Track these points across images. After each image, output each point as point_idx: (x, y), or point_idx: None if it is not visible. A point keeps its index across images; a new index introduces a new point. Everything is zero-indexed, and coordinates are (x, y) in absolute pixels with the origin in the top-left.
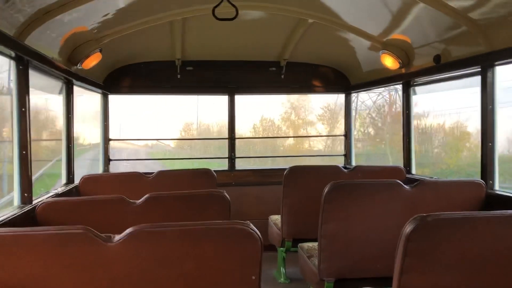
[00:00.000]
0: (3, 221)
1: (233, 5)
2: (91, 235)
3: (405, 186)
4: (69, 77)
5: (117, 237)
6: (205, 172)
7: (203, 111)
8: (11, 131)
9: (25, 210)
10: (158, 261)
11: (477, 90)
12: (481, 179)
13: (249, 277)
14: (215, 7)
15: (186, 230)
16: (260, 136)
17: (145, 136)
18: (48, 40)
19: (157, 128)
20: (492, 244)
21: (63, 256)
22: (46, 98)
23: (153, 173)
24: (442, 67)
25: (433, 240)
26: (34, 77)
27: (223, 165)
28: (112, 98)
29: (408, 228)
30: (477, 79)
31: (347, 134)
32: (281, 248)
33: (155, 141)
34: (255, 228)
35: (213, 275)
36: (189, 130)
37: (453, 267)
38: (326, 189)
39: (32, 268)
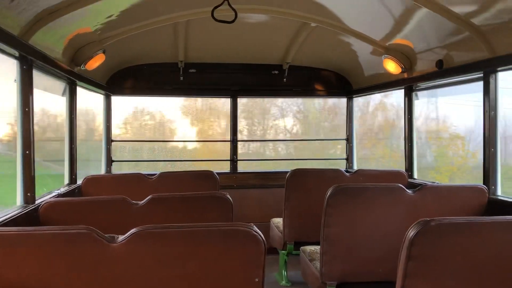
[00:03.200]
0: (6, 220)
1: (233, 8)
2: (95, 235)
3: (407, 190)
4: (72, 77)
5: (121, 238)
6: (208, 174)
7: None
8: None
9: (28, 210)
10: (161, 262)
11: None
12: (483, 184)
13: (252, 279)
14: (215, 8)
15: (189, 231)
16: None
17: (148, 138)
18: (52, 40)
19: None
20: (496, 250)
21: (67, 255)
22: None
23: (155, 174)
24: (445, 72)
25: (437, 245)
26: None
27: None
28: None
29: (411, 232)
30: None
31: (349, 138)
32: (283, 251)
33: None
34: (258, 230)
35: (216, 277)
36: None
37: (456, 272)
38: (328, 193)
39: (36, 267)
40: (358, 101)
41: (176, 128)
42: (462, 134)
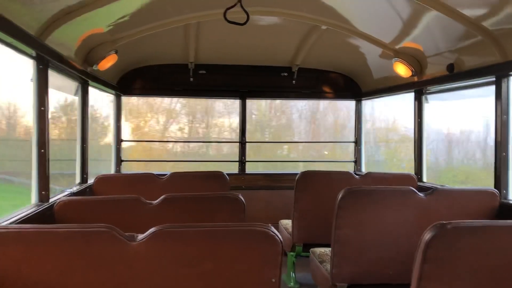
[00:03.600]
0: (21, 219)
1: (245, 11)
2: (115, 234)
3: (419, 193)
4: (85, 77)
5: (140, 236)
6: (218, 175)
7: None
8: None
9: (43, 208)
10: (180, 261)
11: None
12: (495, 188)
13: (269, 280)
14: (228, 9)
15: (208, 231)
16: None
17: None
18: (66, 40)
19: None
20: (511, 254)
21: (87, 253)
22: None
23: (166, 174)
24: (456, 76)
25: (453, 248)
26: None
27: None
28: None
29: (427, 235)
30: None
31: (358, 141)
32: (292, 253)
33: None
34: (276, 231)
35: (233, 276)
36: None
37: (472, 275)
38: (340, 195)
39: (55, 265)
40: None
41: (184, 128)
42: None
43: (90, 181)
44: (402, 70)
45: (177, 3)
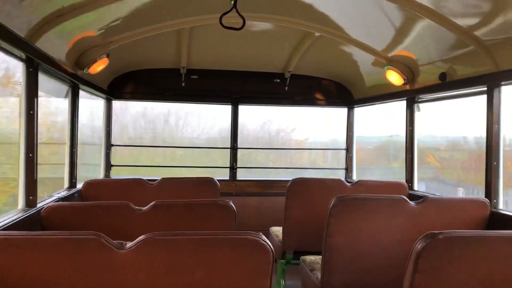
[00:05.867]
0: (8, 224)
1: (241, 16)
2: (103, 241)
3: (410, 202)
4: (75, 81)
5: (129, 244)
6: (209, 181)
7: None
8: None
9: (30, 213)
10: (169, 269)
11: None
12: (486, 197)
13: None
14: (223, 14)
15: (198, 239)
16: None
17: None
18: (57, 43)
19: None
20: (503, 264)
21: (74, 260)
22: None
23: (156, 179)
24: (448, 85)
25: (444, 258)
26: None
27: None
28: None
29: (419, 244)
30: None
31: (349, 148)
32: (282, 260)
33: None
34: (267, 240)
35: (223, 285)
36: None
37: (463, 286)
38: (331, 203)
39: (42, 272)
40: None
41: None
42: None
43: (79, 186)
44: (394, 78)
45: (170, 8)
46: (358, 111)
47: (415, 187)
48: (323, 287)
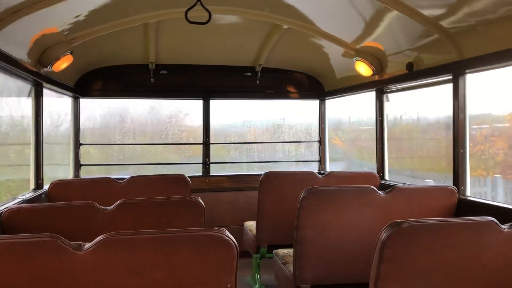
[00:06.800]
0: None
1: (206, 9)
2: (59, 243)
3: (379, 192)
4: (38, 79)
5: (87, 245)
6: (179, 178)
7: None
8: None
9: None
10: (130, 270)
11: None
12: (453, 185)
13: (224, 285)
14: (188, 10)
15: (158, 238)
16: (235, 141)
17: (118, 141)
18: (16, 40)
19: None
20: (465, 250)
21: (30, 265)
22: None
23: (125, 178)
24: (415, 74)
25: (408, 247)
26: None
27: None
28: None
29: (383, 234)
30: None
31: (322, 140)
32: (256, 255)
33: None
34: (230, 235)
35: (187, 283)
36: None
37: (428, 273)
38: (301, 195)
39: None
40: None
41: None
42: None
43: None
44: (363, 69)
45: (135, 2)
46: (331, 102)
47: (387, 177)
48: (295, 280)
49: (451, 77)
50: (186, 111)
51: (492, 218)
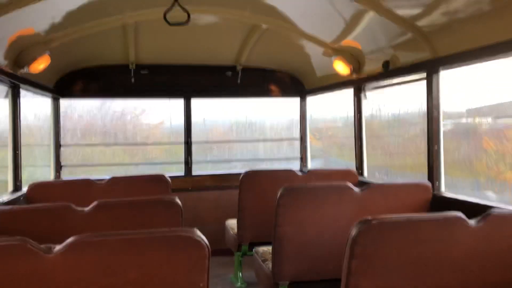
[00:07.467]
0: None
1: (185, 10)
2: (29, 246)
3: (355, 188)
4: (15, 81)
5: (57, 248)
6: (159, 178)
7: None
8: None
9: None
10: (101, 271)
11: None
12: (428, 180)
13: (196, 285)
14: (167, 11)
15: (129, 239)
16: (217, 140)
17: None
18: None
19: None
20: (435, 246)
21: None
22: None
23: (105, 179)
24: (391, 72)
25: (378, 243)
26: None
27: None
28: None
29: (354, 231)
30: None
31: (303, 137)
32: (238, 253)
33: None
34: (202, 235)
35: (158, 284)
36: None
37: (398, 270)
38: (279, 193)
39: None
40: None
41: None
42: None
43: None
44: (341, 67)
45: (113, 2)
46: (313, 100)
47: (365, 174)
48: (274, 277)
49: (425, 74)
50: (143, 108)
51: (460, 214)
